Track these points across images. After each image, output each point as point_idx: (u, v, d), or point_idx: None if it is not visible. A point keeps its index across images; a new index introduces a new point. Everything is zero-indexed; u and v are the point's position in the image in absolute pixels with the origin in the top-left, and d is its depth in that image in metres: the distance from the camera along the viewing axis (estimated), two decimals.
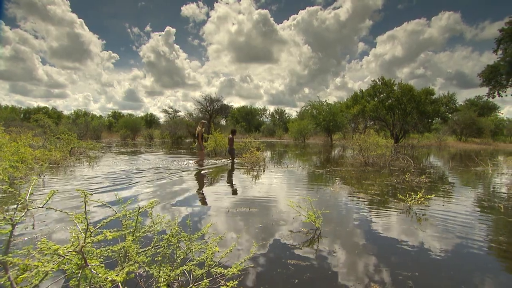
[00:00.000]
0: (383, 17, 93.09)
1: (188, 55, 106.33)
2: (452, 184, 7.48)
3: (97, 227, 1.97)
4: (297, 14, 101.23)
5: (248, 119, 55.02)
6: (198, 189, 5.88)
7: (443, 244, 3.28)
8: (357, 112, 28.48)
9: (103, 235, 1.64)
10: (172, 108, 38.37)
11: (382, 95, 28.65)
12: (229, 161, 10.79)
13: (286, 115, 56.51)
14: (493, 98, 41.56)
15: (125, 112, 52.59)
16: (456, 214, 4.48)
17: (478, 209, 4.87)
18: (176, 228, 2.51)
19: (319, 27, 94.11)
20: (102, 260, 1.93)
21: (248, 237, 3.36)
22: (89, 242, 1.60)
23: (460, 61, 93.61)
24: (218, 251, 2.26)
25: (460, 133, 32.06)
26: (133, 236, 2.41)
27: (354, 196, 5.56)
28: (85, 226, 1.70)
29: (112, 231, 2.22)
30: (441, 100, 30.06)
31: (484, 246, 3.29)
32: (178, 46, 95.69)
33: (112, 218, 2.40)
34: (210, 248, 2.32)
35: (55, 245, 1.50)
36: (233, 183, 6.70)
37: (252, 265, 2.66)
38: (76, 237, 1.77)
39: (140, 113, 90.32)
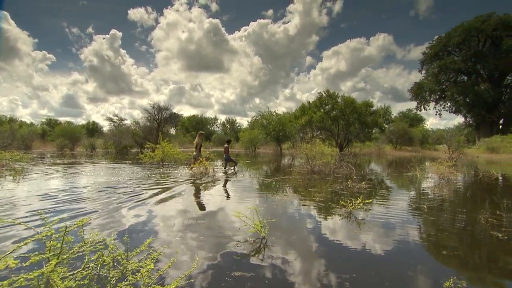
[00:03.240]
0: (328, 34, 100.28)
1: (135, 60, 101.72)
2: (388, 189, 8.19)
3: (7, 253, 1.70)
4: (248, 26, 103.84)
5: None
6: (143, 202, 5.51)
7: (378, 244, 3.53)
8: (305, 122, 29.94)
9: (4, 263, 1.41)
10: (117, 116, 36.22)
11: (327, 107, 30.64)
12: (230, 168, 11.68)
13: (237, 125, 56.97)
14: (420, 111, 47.68)
15: (62, 119, 47.93)
16: (390, 216, 4.88)
17: (408, 211, 5.37)
18: (112, 246, 2.31)
19: (269, 40, 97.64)
20: None
21: (192, 250, 3.23)
22: None
23: (394, 78, 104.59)
24: (153, 268, 2.11)
25: (395, 142, 35.51)
26: (58, 259, 2.14)
27: (300, 204, 5.74)
28: None
29: (32, 255, 1.95)
30: (379, 112, 33.19)
31: (412, 243, 3.62)
32: (124, 51, 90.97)
33: (28, 241, 2.11)
34: (147, 265, 2.17)
35: None
36: (181, 194, 6.42)
37: (193, 280, 2.55)
38: None
39: (81, 121, 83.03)
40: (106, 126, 38.32)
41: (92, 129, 43.37)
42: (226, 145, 12.27)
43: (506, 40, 37.29)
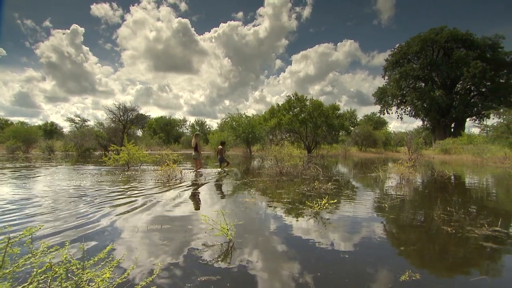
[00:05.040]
0: (298, 38, 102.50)
1: (99, 59, 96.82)
2: (353, 189, 8.53)
3: None
4: (218, 27, 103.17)
5: (167, 130, 52.75)
6: (104, 206, 5.22)
7: (342, 243, 3.66)
8: (274, 124, 30.42)
9: None
10: (79, 117, 34.38)
11: (296, 110, 31.43)
12: (224, 169, 12.19)
13: (207, 127, 56.25)
14: (383, 114, 50.41)
15: (15, 119, 44.27)
16: (354, 215, 5.08)
17: (371, 210, 5.63)
18: (65, 256, 2.15)
19: (239, 42, 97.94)
20: None
21: (155, 256, 3.12)
22: None
23: (359, 82, 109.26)
24: (110, 277, 2.01)
25: (360, 144, 37.18)
26: None
27: (268, 206, 5.78)
28: None
29: None
30: (345, 115, 34.64)
31: (373, 240, 3.80)
32: (87, 48, 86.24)
33: None
34: (103, 274, 2.05)
35: None
36: (146, 198, 6.18)
37: (155, 287, 2.46)
38: None
39: (37, 122, 77.47)
40: (66, 127, 36.24)
41: (51, 131, 40.70)
42: (220, 146, 12.77)
43: (456, 52, 41.04)
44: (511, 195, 8.31)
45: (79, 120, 34.49)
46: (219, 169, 12.12)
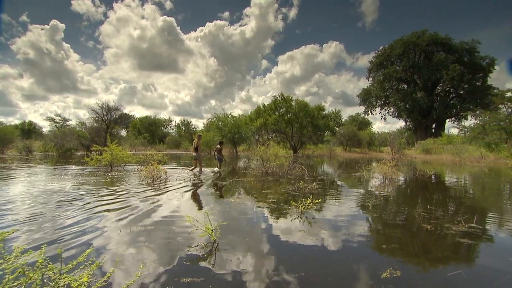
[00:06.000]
0: (284, 39, 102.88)
1: (81, 56, 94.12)
2: (337, 189, 8.65)
3: None
4: (204, 26, 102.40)
5: (151, 130, 51.91)
6: (85, 208, 5.07)
7: (326, 242, 3.70)
8: (260, 125, 30.52)
9: None
10: (60, 116, 33.33)
11: (282, 110, 31.66)
12: (219, 168, 12.26)
13: (193, 127, 55.79)
14: (367, 115, 51.53)
15: None
16: (338, 215, 5.16)
17: (355, 209, 5.72)
18: (41, 261, 2.08)
19: (226, 41, 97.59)
20: None
21: (138, 258, 3.06)
22: None
23: (344, 83, 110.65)
24: (88, 281, 1.95)
25: (345, 144, 37.80)
26: None
27: (253, 206, 5.78)
28: None
29: None
30: (330, 116, 35.13)
31: (356, 239, 3.86)
32: (68, 45, 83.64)
33: None
34: (80, 278, 1.99)
35: None
36: (130, 199, 6.05)
37: None
38: None
39: (13, 121, 74.45)
40: (46, 127, 35.08)
41: (29, 130, 39.28)
42: (218, 146, 13.06)
43: (436, 55, 42.59)
44: (486, 193, 8.67)
45: (59, 120, 33.48)
46: (216, 168, 12.09)
